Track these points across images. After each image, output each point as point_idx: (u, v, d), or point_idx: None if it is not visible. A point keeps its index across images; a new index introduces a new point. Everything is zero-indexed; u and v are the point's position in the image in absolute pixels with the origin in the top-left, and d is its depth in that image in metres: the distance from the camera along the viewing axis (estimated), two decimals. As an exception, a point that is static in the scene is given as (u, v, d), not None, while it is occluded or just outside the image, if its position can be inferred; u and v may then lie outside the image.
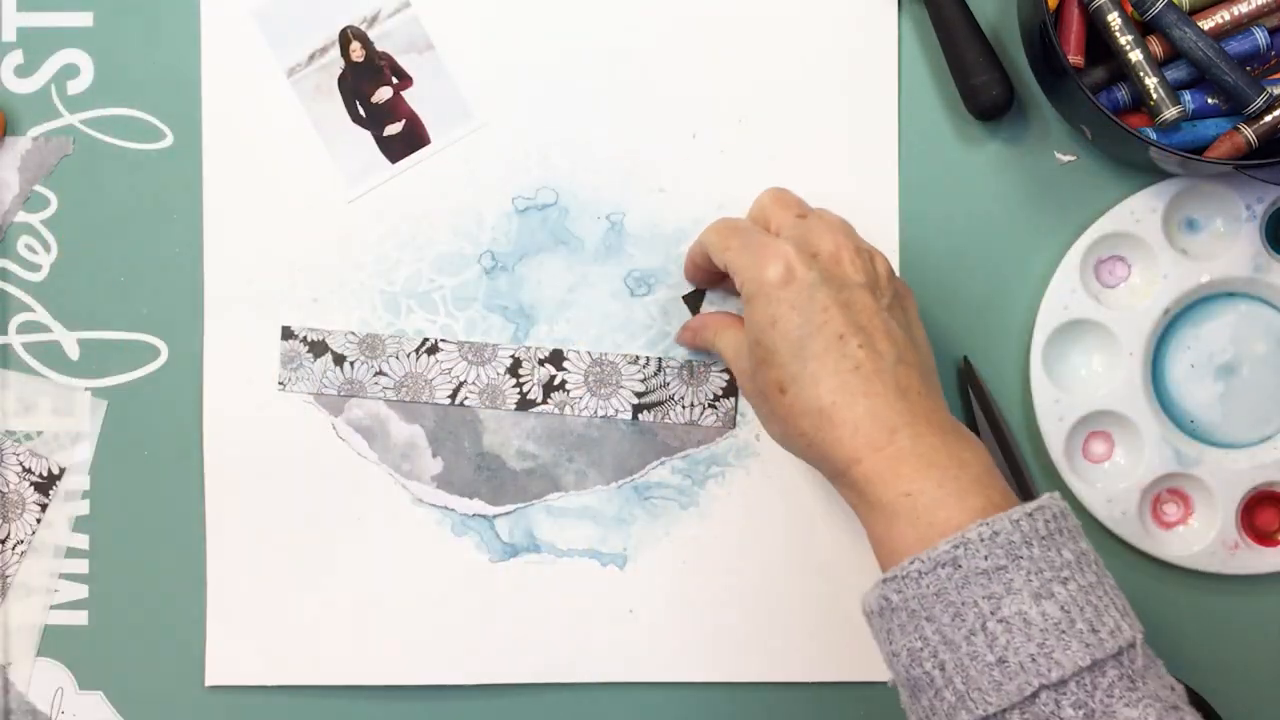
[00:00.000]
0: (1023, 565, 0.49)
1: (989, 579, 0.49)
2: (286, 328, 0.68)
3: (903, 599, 0.51)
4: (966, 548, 0.50)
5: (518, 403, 0.68)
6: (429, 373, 0.68)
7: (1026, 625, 0.48)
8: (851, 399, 0.54)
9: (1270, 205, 0.66)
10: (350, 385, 0.68)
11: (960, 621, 0.49)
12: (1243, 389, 0.67)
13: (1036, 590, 0.49)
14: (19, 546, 0.68)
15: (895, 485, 0.52)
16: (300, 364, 0.68)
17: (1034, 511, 0.51)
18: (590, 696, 0.68)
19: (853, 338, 0.54)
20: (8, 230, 0.68)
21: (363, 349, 0.68)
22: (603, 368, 0.67)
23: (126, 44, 0.68)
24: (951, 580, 0.50)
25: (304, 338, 0.68)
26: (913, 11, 0.68)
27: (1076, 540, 0.51)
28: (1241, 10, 0.62)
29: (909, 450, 0.53)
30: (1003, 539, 0.50)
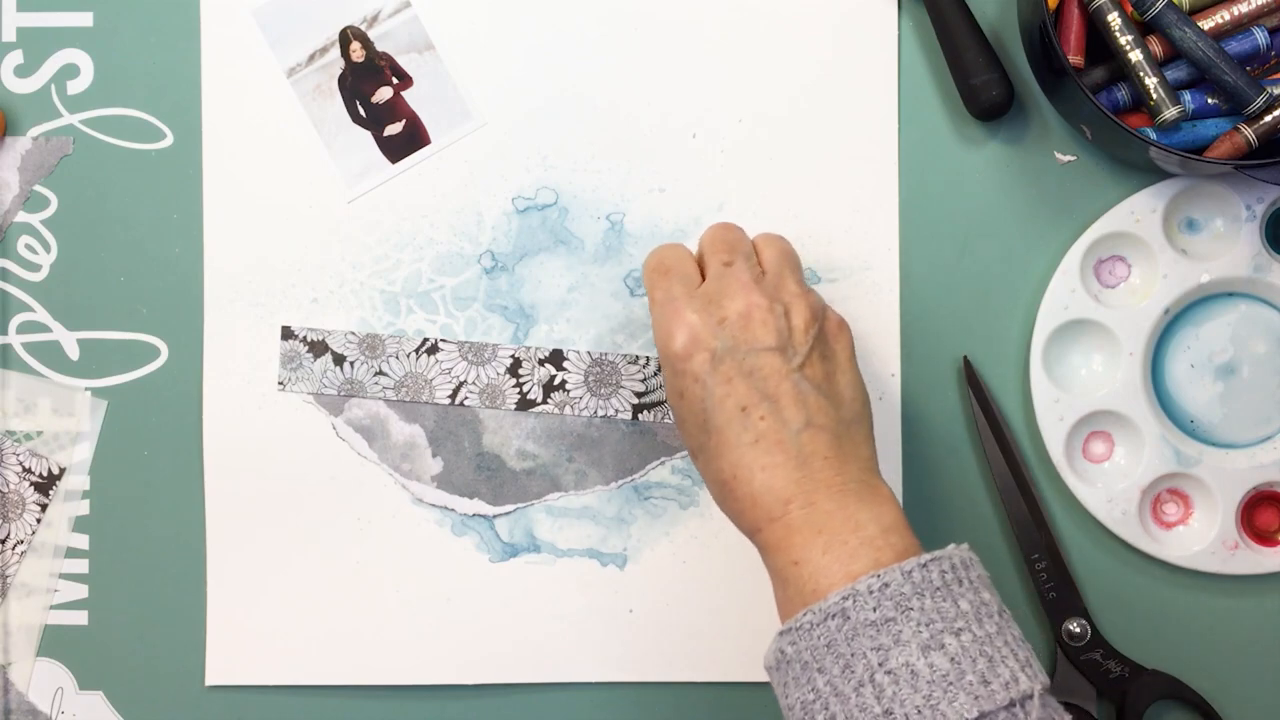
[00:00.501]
0: (912, 617, 0.49)
1: (877, 630, 0.49)
2: (286, 328, 0.68)
3: (796, 651, 0.51)
4: (855, 599, 0.50)
5: (518, 403, 0.67)
6: (429, 373, 0.67)
7: (914, 677, 0.48)
8: (749, 473, 0.54)
9: (1270, 205, 0.66)
10: (350, 385, 0.68)
11: (850, 673, 0.49)
12: (1243, 389, 0.67)
13: (925, 642, 0.49)
14: (19, 546, 0.68)
15: (787, 554, 0.53)
16: (300, 364, 0.68)
17: (929, 562, 0.50)
18: (590, 696, 0.68)
19: (756, 409, 0.54)
20: (8, 230, 0.68)
21: (363, 349, 0.68)
22: (603, 368, 0.67)
23: (126, 44, 0.68)
24: (841, 631, 0.50)
25: (304, 338, 0.68)
26: (912, 11, 0.68)
27: (978, 591, 0.51)
28: (1241, 10, 0.62)
29: (801, 519, 0.53)
30: (892, 590, 0.50)
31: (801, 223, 0.68)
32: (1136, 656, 0.67)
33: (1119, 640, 0.67)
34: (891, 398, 0.68)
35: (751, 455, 0.54)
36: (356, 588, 0.68)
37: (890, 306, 0.68)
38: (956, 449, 0.68)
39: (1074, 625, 0.66)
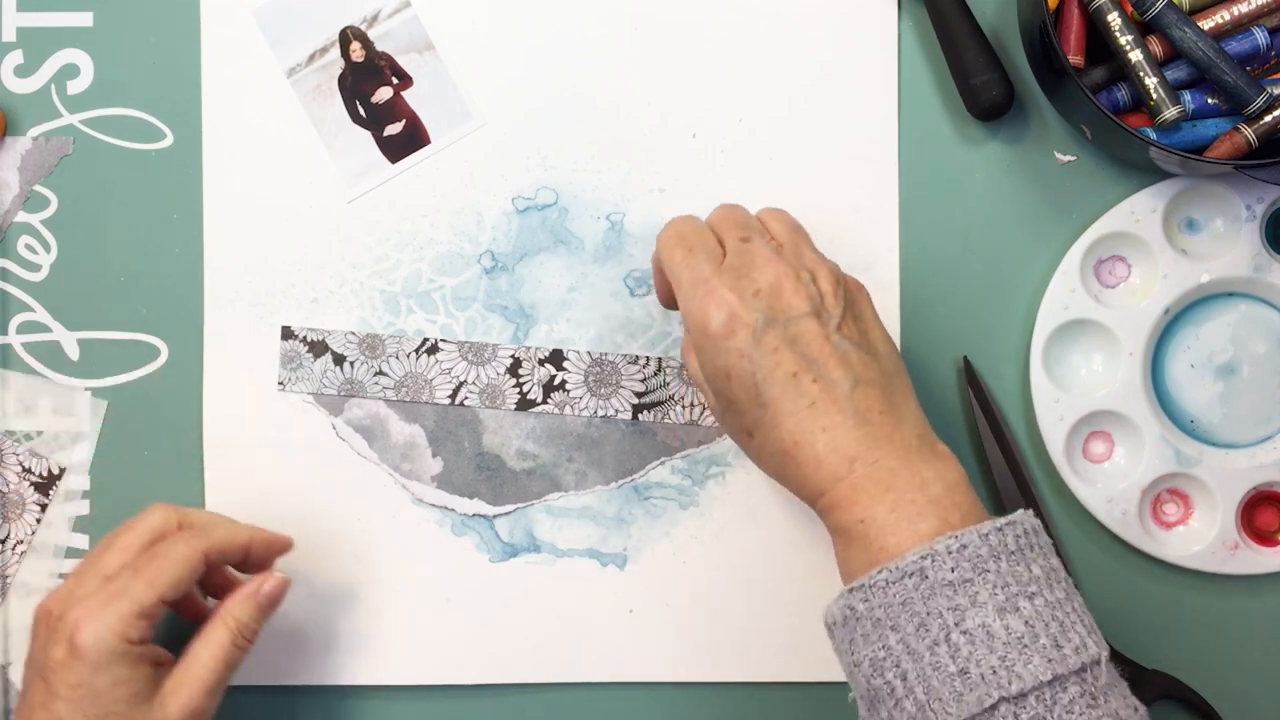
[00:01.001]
0: (989, 579, 0.50)
1: (955, 591, 0.50)
2: (286, 328, 0.68)
3: (868, 608, 0.51)
4: (934, 559, 0.50)
5: (518, 403, 0.67)
6: (429, 373, 0.67)
7: (990, 638, 0.49)
8: (811, 436, 0.54)
9: (1270, 205, 0.66)
10: (350, 385, 0.68)
11: (925, 631, 0.49)
12: (1243, 389, 0.67)
13: (1002, 604, 0.49)
14: (19, 546, 0.68)
15: (852, 512, 0.53)
16: (300, 364, 0.68)
17: (1004, 526, 0.51)
18: (590, 696, 0.68)
19: (805, 373, 0.54)
20: (8, 230, 0.68)
21: (363, 349, 0.67)
22: (603, 368, 0.67)
23: (126, 44, 0.68)
24: (918, 590, 0.50)
25: (304, 337, 0.68)
26: (912, 12, 0.68)
27: (1047, 556, 0.52)
28: (1241, 10, 0.62)
29: (866, 477, 0.53)
30: (970, 552, 0.50)
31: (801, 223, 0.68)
32: (1136, 656, 0.67)
33: (1119, 640, 0.67)
34: (891, 398, 0.68)
35: (811, 418, 0.54)
36: (356, 587, 0.68)
37: (890, 306, 0.68)
38: (956, 449, 0.67)
39: (1074, 625, 0.66)
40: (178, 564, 0.58)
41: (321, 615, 0.68)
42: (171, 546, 0.59)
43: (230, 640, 0.59)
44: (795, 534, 0.67)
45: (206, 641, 0.59)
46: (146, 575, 0.57)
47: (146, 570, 0.58)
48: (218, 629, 0.59)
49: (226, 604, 0.60)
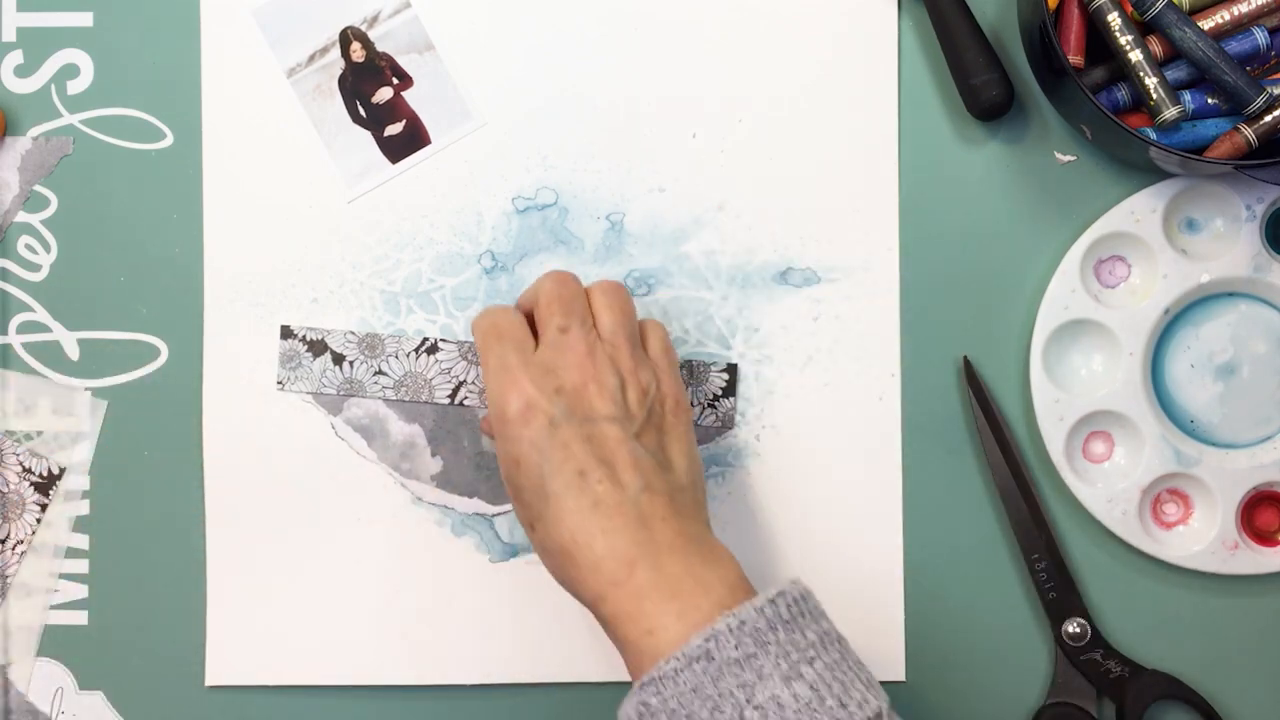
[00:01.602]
0: (770, 650, 0.50)
1: (741, 667, 0.50)
2: (285, 327, 0.68)
3: (662, 701, 0.51)
4: (717, 639, 0.50)
5: None
6: (428, 372, 0.67)
7: (780, 709, 0.49)
8: (590, 536, 0.54)
9: (1270, 205, 0.66)
10: (349, 385, 0.67)
11: (719, 714, 0.49)
12: (1243, 389, 0.67)
13: (786, 673, 0.50)
14: (19, 546, 0.68)
15: (639, 623, 0.52)
16: (299, 363, 0.68)
17: (775, 598, 0.51)
18: (590, 696, 0.68)
19: (593, 472, 0.54)
20: (8, 230, 0.68)
21: (362, 348, 0.67)
22: None
23: (126, 44, 0.68)
24: (707, 674, 0.50)
25: (303, 337, 0.68)
26: (912, 11, 0.68)
27: (818, 620, 0.52)
28: (1241, 10, 0.62)
29: (649, 583, 0.53)
30: (749, 627, 0.50)
31: (801, 223, 0.68)
32: (1136, 656, 0.67)
33: (1119, 640, 0.67)
34: (891, 398, 0.68)
35: (592, 519, 0.54)
36: (356, 587, 0.68)
37: (890, 306, 0.68)
38: (956, 449, 0.68)
39: (1074, 625, 0.66)
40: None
41: (321, 615, 0.68)
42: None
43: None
44: (795, 534, 0.67)
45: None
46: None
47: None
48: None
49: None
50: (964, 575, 0.68)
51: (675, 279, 0.68)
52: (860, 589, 0.67)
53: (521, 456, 0.55)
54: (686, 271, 0.68)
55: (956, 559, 0.68)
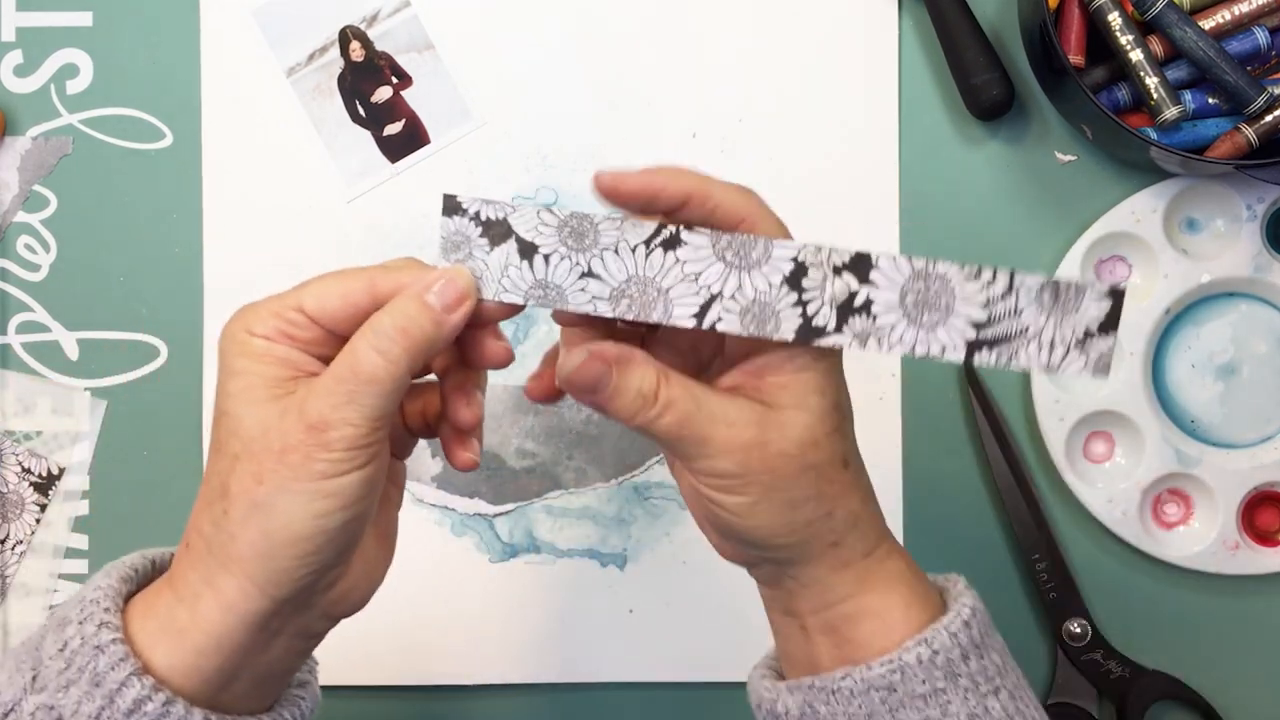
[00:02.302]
0: (960, 684, 0.46)
1: (925, 703, 0.46)
2: (450, 197, 0.46)
3: (830, 712, 0.47)
4: (904, 673, 0.46)
5: (799, 329, 0.46)
6: (663, 278, 0.46)
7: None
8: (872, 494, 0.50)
9: (1270, 205, 0.66)
10: (544, 291, 0.46)
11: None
12: (1243, 389, 0.67)
13: (973, 711, 0.46)
14: (19, 546, 0.68)
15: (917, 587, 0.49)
16: (470, 253, 0.46)
17: (969, 620, 0.47)
18: (590, 696, 0.68)
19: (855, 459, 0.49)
20: (8, 230, 0.68)
21: (564, 236, 0.46)
22: (928, 283, 0.46)
23: (126, 44, 0.68)
24: (885, 704, 0.46)
25: (476, 214, 0.46)
26: (913, 11, 0.68)
27: (994, 634, 0.49)
28: (1242, 10, 0.62)
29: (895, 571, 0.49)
30: (941, 659, 0.46)
31: (801, 223, 0.68)
32: (1136, 656, 0.67)
33: (1119, 640, 0.67)
34: (891, 398, 0.67)
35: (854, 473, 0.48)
36: (356, 588, 0.68)
37: (890, 306, 0.67)
38: (956, 449, 0.68)
39: (1074, 625, 0.66)
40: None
41: (321, 615, 0.68)
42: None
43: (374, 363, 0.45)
44: (795, 534, 0.67)
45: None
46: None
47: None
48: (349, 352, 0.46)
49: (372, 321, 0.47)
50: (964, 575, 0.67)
51: (675, 279, 0.68)
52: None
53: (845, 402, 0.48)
54: (686, 271, 0.68)
55: (956, 559, 0.67)
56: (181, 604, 0.45)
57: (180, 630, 0.45)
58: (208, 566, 0.45)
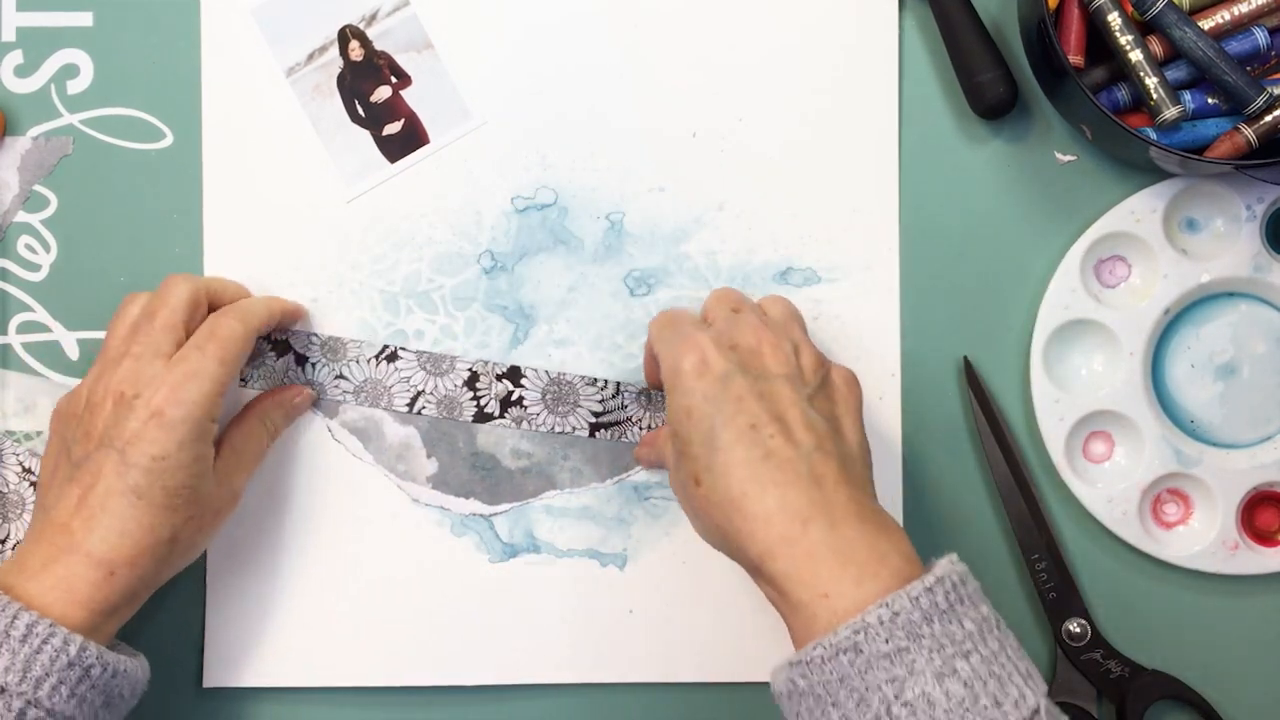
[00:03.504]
0: (924, 644, 0.49)
1: (891, 662, 0.48)
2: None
3: (809, 684, 0.50)
4: (867, 632, 0.49)
5: (475, 415, 0.67)
6: (388, 380, 0.67)
7: (930, 706, 0.48)
8: (761, 489, 0.52)
9: (1270, 205, 0.66)
10: (311, 386, 0.67)
11: (865, 707, 0.48)
12: (1243, 389, 0.67)
13: (939, 669, 0.48)
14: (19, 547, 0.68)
15: (813, 585, 0.51)
16: (263, 362, 0.67)
17: (933, 585, 0.50)
18: (590, 696, 0.68)
19: (766, 427, 0.53)
20: (8, 230, 0.69)
21: (324, 351, 0.67)
22: (560, 387, 0.67)
23: (126, 44, 0.68)
24: (854, 665, 0.49)
25: (269, 336, 0.67)
26: (915, 9, 0.68)
27: (977, 606, 0.51)
28: (1241, 10, 0.62)
29: (823, 544, 0.51)
30: (903, 619, 0.49)
31: (801, 223, 0.68)
32: (1136, 656, 0.67)
33: (1119, 640, 0.67)
34: (891, 398, 0.67)
35: (763, 470, 0.53)
36: (355, 589, 0.68)
37: (890, 306, 0.68)
38: (956, 449, 0.68)
39: (1074, 625, 0.66)
40: (239, 342, 0.61)
41: (319, 617, 0.68)
42: (228, 325, 0.61)
43: (267, 440, 0.65)
44: (795, 534, 0.67)
45: (248, 435, 0.64)
46: (216, 354, 0.60)
47: (213, 349, 0.60)
48: (257, 428, 0.64)
49: (262, 406, 0.65)
50: (964, 575, 0.68)
51: (675, 279, 0.68)
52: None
53: (693, 407, 0.55)
54: (686, 271, 0.68)
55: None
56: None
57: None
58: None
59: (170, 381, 0.58)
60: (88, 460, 0.58)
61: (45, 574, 0.56)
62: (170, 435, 0.58)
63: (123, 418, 0.58)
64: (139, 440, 0.57)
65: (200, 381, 0.59)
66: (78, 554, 0.56)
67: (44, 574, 0.56)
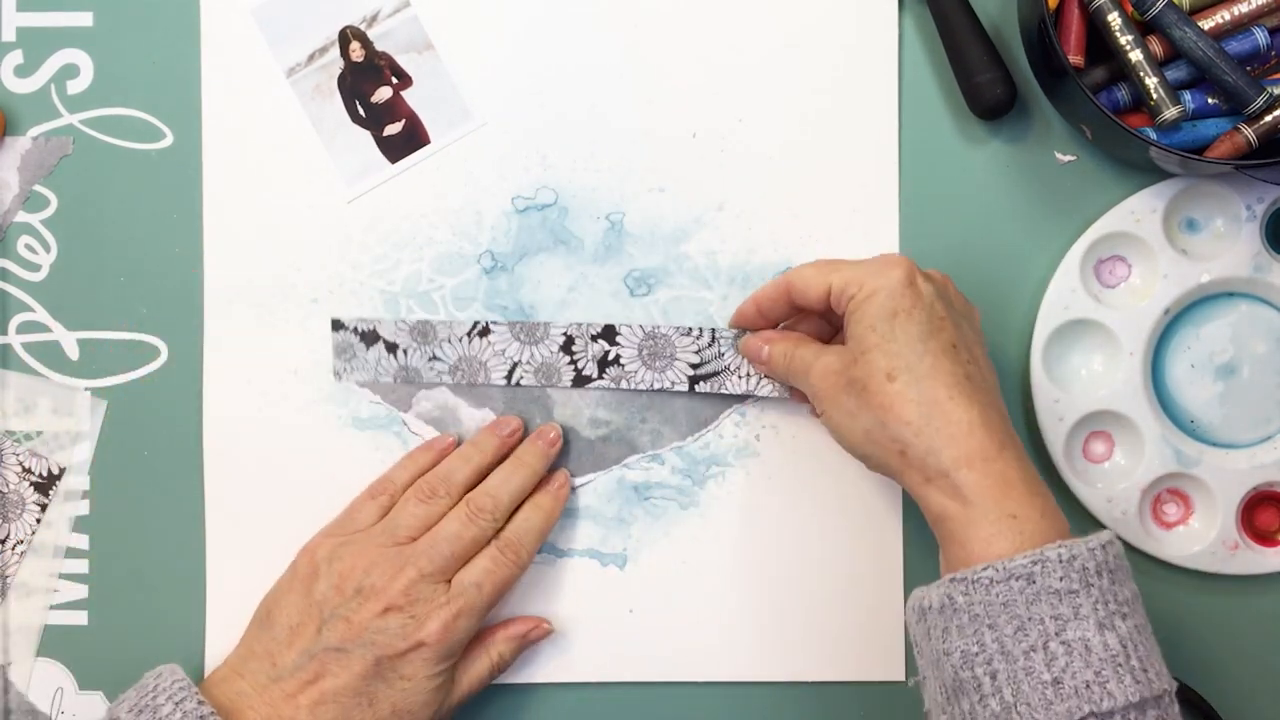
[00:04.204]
0: (1093, 593, 0.51)
1: (1059, 600, 0.51)
2: (336, 320, 0.68)
3: (968, 601, 0.52)
4: (1044, 565, 0.51)
5: (574, 379, 0.67)
6: (482, 355, 0.67)
7: (1087, 652, 0.50)
8: (968, 401, 0.55)
9: (1270, 205, 0.66)
10: (405, 372, 0.67)
11: (1023, 635, 0.50)
12: (1243, 389, 0.67)
13: (1101, 620, 0.50)
14: (19, 546, 0.68)
15: (1004, 504, 0.54)
16: (354, 354, 0.68)
17: (1107, 544, 0.52)
18: (591, 696, 0.68)
19: (963, 351, 0.57)
20: (8, 230, 0.68)
21: (414, 336, 0.67)
22: (656, 341, 0.67)
23: (126, 44, 0.68)
24: (1023, 594, 0.51)
25: (354, 328, 0.67)
26: (914, 10, 0.68)
27: (1131, 581, 0.53)
28: (1241, 10, 0.62)
29: (1016, 470, 0.54)
30: (1079, 564, 0.51)
31: (801, 223, 0.68)
32: (1136, 657, 0.67)
33: (1119, 640, 0.67)
34: (891, 398, 0.67)
35: (968, 387, 0.55)
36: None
37: (890, 306, 0.67)
38: (956, 449, 0.68)
39: (1074, 625, 0.66)
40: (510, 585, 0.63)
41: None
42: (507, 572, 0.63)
43: (489, 671, 0.64)
44: (795, 534, 0.67)
45: (472, 667, 0.64)
46: (491, 594, 0.62)
47: (490, 589, 0.62)
48: (482, 659, 0.64)
49: (493, 638, 0.65)
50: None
51: (675, 279, 0.68)
52: (860, 589, 0.67)
53: (901, 310, 0.56)
54: (686, 271, 0.68)
55: (956, 559, 0.67)
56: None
57: None
58: None
59: (444, 619, 0.60)
60: (341, 652, 0.60)
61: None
62: (425, 667, 0.60)
63: (390, 631, 0.60)
64: (396, 661, 0.60)
65: (470, 620, 0.61)
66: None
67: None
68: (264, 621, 0.62)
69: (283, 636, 0.61)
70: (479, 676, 0.64)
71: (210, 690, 0.60)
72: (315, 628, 0.60)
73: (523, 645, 0.66)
